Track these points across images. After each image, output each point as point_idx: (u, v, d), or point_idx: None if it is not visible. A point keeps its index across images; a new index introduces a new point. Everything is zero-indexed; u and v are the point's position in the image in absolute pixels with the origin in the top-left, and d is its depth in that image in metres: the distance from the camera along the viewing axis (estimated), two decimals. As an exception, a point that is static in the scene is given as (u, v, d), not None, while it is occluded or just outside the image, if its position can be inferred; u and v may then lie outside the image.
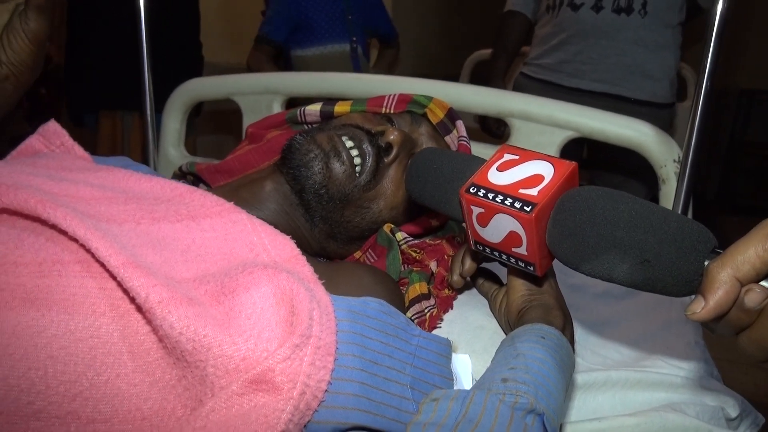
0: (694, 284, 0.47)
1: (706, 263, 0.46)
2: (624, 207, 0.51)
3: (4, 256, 0.50)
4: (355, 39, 2.18)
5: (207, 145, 2.98)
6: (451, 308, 0.81)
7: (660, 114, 1.72)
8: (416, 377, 0.58)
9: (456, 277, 0.75)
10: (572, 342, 0.68)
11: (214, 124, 2.98)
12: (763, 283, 0.42)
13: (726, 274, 0.42)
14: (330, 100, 0.92)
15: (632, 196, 0.52)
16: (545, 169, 0.57)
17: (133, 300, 0.49)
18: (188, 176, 0.98)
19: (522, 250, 0.58)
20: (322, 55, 2.15)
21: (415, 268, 0.81)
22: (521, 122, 1.19)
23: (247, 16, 2.29)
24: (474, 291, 0.85)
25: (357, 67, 2.20)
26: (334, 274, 0.67)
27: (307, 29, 2.15)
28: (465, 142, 0.88)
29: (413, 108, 0.88)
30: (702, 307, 0.43)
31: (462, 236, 0.91)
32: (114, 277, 0.50)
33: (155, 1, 1.35)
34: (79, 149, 0.76)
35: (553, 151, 1.17)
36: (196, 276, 0.54)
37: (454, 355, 0.65)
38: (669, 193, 1.10)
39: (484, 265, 0.80)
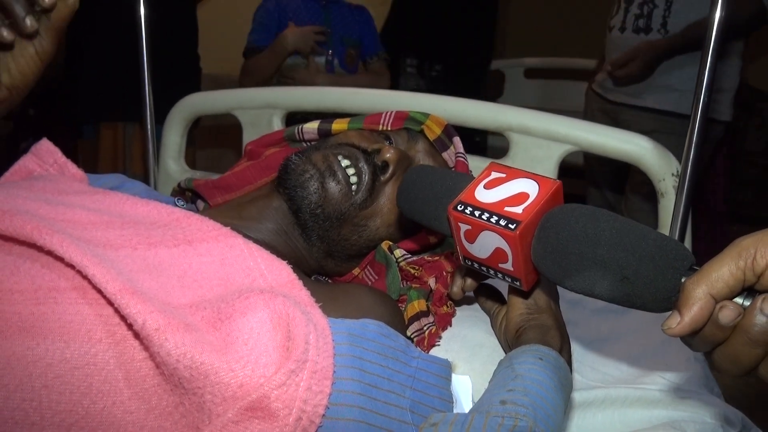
0: (671, 300, 0.49)
1: (683, 280, 0.47)
2: (605, 225, 0.52)
3: (0, 283, 0.50)
4: (330, 52, 2.23)
5: (207, 158, 2.98)
6: (450, 325, 0.81)
7: (685, 124, 1.76)
8: (416, 400, 0.58)
9: (456, 289, 0.75)
10: (570, 362, 0.67)
11: (214, 138, 2.99)
12: (736, 299, 0.44)
13: (701, 291, 0.43)
14: (327, 118, 0.92)
15: (613, 213, 0.54)
16: (530, 188, 0.59)
17: (129, 327, 0.49)
18: (186, 192, 0.98)
19: (508, 266, 0.59)
20: (295, 65, 2.20)
21: (413, 285, 0.81)
22: (520, 136, 1.19)
23: (246, 27, 2.30)
24: (472, 308, 0.85)
25: None
26: (334, 295, 0.67)
27: None
28: (462, 158, 0.89)
29: (410, 125, 0.88)
30: (678, 323, 0.44)
31: (461, 252, 0.91)
32: (111, 304, 0.50)
33: (153, 13, 1.35)
34: (72, 167, 0.76)
35: (552, 164, 1.17)
36: (192, 302, 0.54)
37: (454, 376, 0.65)
38: (668, 207, 1.10)
39: (489, 281, 0.81)
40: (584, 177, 2.25)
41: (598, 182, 2.17)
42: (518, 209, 0.57)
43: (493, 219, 0.57)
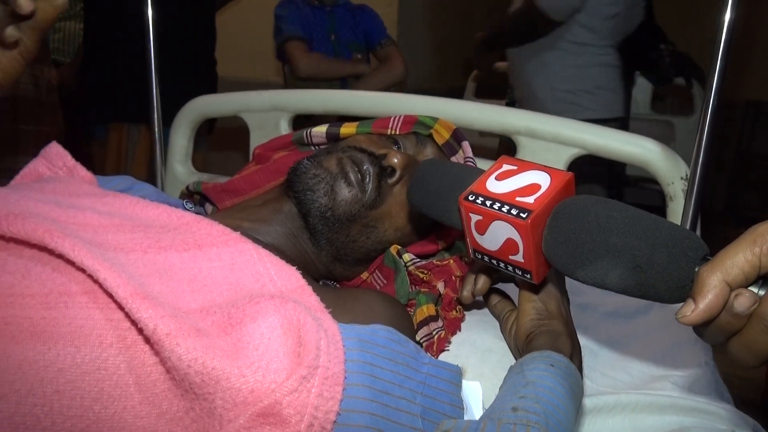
0: (685, 290, 0.48)
1: (696, 269, 0.47)
2: (617, 214, 0.52)
3: (11, 287, 0.50)
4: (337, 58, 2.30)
5: (214, 161, 2.98)
6: (459, 330, 0.81)
7: None
8: (427, 406, 0.57)
9: (466, 293, 0.75)
10: (580, 368, 0.67)
11: (221, 141, 2.99)
12: (752, 287, 0.43)
13: (716, 278, 0.43)
14: (336, 122, 0.92)
15: (625, 204, 0.53)
16: (542, 179, 0.59)
17: (140, 331, 0.49)
18: (195, 195, 0.98)
19: (519, 258, 0.59)
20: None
21: (422, 290, 0.81)
22: (527, 139, 1.19)
23: (256, 29, 2.32)
24: (482, 312, 0.85)
25: (343, 84, 2.30)
26: (343, 300, 0.67)
27: None
28: (471, 163, 0.88)
29: (418, 129, 0.88)
30: (692, 311, 0.43)
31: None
32: (121, 308, 0.49)
33: (171, 17, 1.36)
34: (81, 169, 0.76)
35: (560, 168, 1.16)
36: (202, 306, 0.54)
37: (464, 382, 0.65)
38: (677, 210, 1.09)
39: (498, 285, 0.80)
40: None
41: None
42: (530, 199, 0.57)
43: (505, 208, 0.57)
